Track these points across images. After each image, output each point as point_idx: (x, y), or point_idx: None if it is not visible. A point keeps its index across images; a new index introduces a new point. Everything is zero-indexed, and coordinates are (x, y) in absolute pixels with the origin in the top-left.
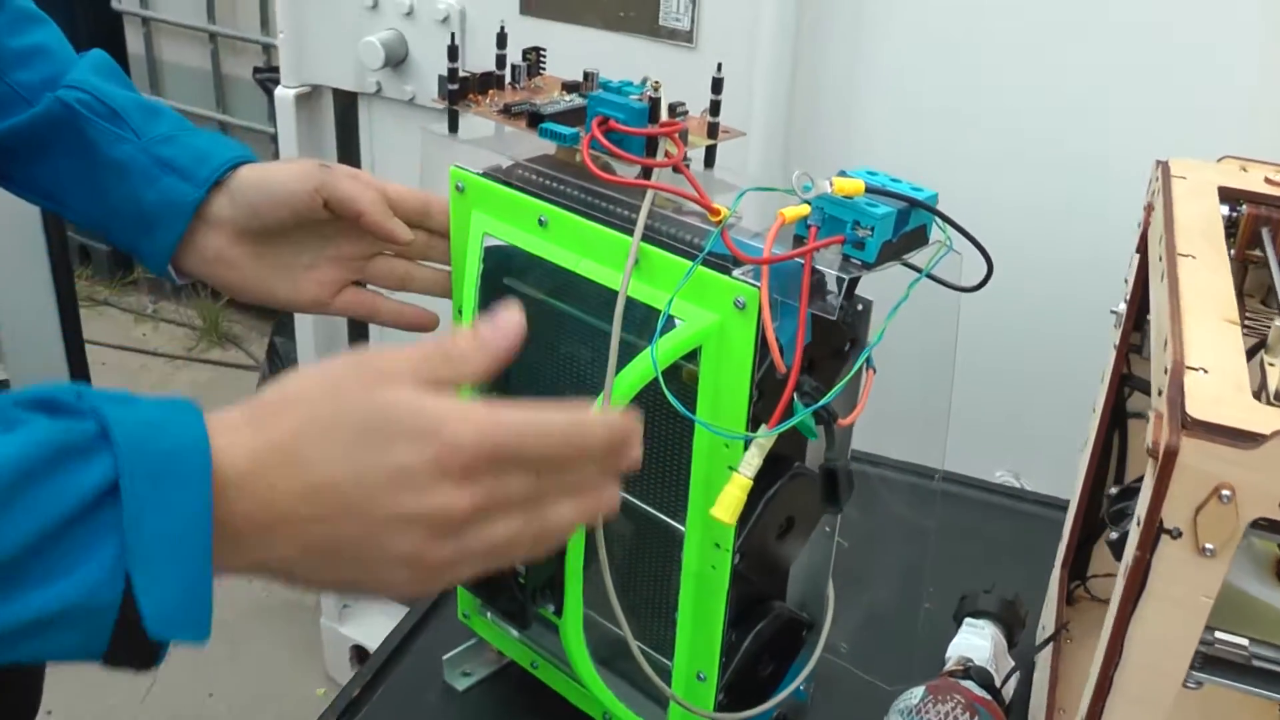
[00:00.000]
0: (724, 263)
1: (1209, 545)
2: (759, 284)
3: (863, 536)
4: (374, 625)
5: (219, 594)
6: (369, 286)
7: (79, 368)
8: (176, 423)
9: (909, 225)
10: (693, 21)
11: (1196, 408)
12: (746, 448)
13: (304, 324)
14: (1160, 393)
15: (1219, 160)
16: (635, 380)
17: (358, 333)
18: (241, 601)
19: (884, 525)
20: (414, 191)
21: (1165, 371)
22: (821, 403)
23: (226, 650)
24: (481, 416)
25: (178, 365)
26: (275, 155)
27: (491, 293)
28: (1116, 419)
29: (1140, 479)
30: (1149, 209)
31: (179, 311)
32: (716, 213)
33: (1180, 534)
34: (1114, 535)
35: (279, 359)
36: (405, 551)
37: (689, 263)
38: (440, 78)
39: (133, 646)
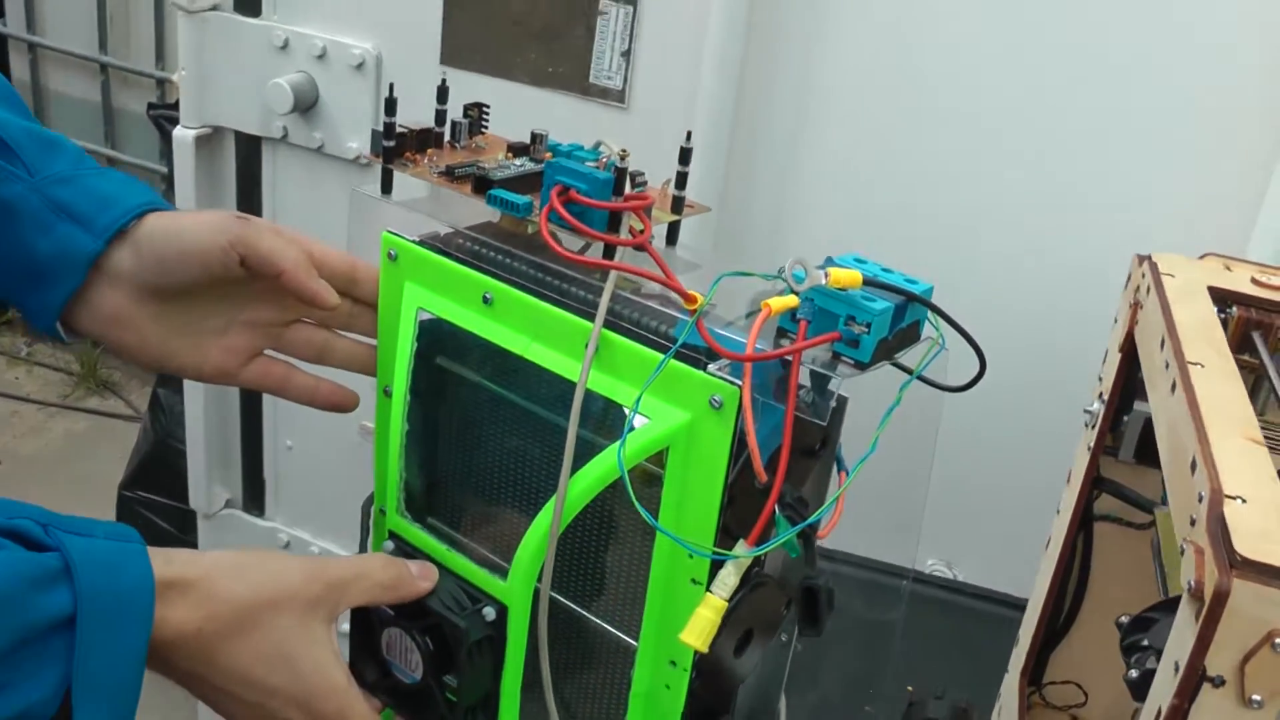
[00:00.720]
0: (696, 354)
1: (1256, 696)
2: (740, 382)
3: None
4: None
5: None
6: (281, 356)
7: None
8: (130, 564)
9: (904, 321)
10: (625, 81)
11: (1245, 545)
12: (717, 567)
13: (193, 388)
14: (1194, 522)
15: (1201, 258)
16: (591, 484)
17: (249, 393)
18: None
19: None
20: (340, 254)
21: (1200, 499)
22: (808, 521)
23: None
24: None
25: (51, 413)
26: (168, 196)
27: (425, 372)
28: (1083, 522)
29: (1155, 609)
30: (1136, 306)
31: (55, 355)
32: (692, 300)
33: (1224, 683)
34: (1133, 674)
35: (162, 412)
36: None
37: (658, 354)
38: (374, 132)
39: None
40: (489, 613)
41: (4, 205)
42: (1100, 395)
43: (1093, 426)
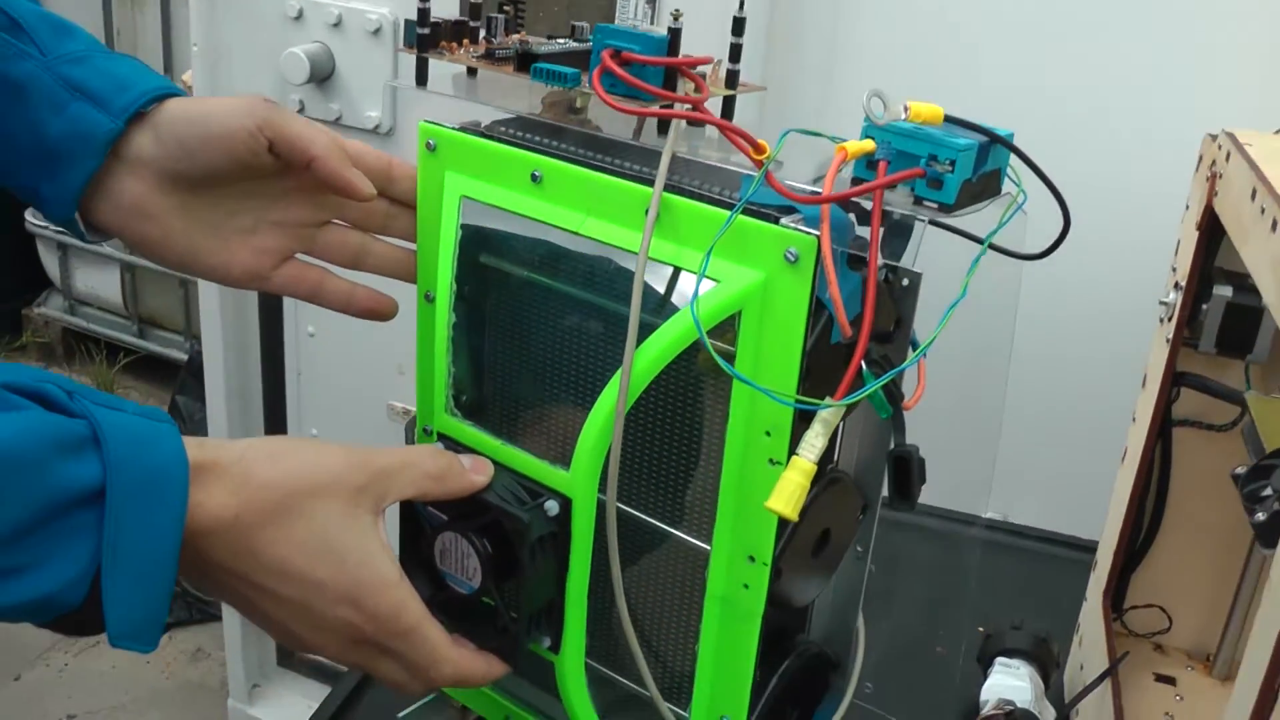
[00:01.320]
0: (765, 211)
1: None
2: (816, 232)
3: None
4: (290, 706)
5: (111, 677)
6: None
7: None
8: (162, 441)
9: (986, 167)
10: (652, 22)
11: None
12: (798, 433)
13: (215, 385)
14: None
15: (1276, 132)
16: (661, 353)
17: (272, 393)
18: (136, 685)
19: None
20: (376, 151)
21: None
22: (900, 369)
23: None
24: (406, 620)
25: None
26: None
27: (468, 273)
28: (1161, 431)
29: (1273, 456)
30: (1213, 178)
31: (72, 376)
32: (761, 149)
33: None
34: (1261, 516)
35: (182, 420)
36: (275, 633)
37: (724, 212)
38: (408, 22)
39: (77, 626)
40: (551, 506)
41: (15, 84)
42: (1176, 284)
43: (1170, 318)
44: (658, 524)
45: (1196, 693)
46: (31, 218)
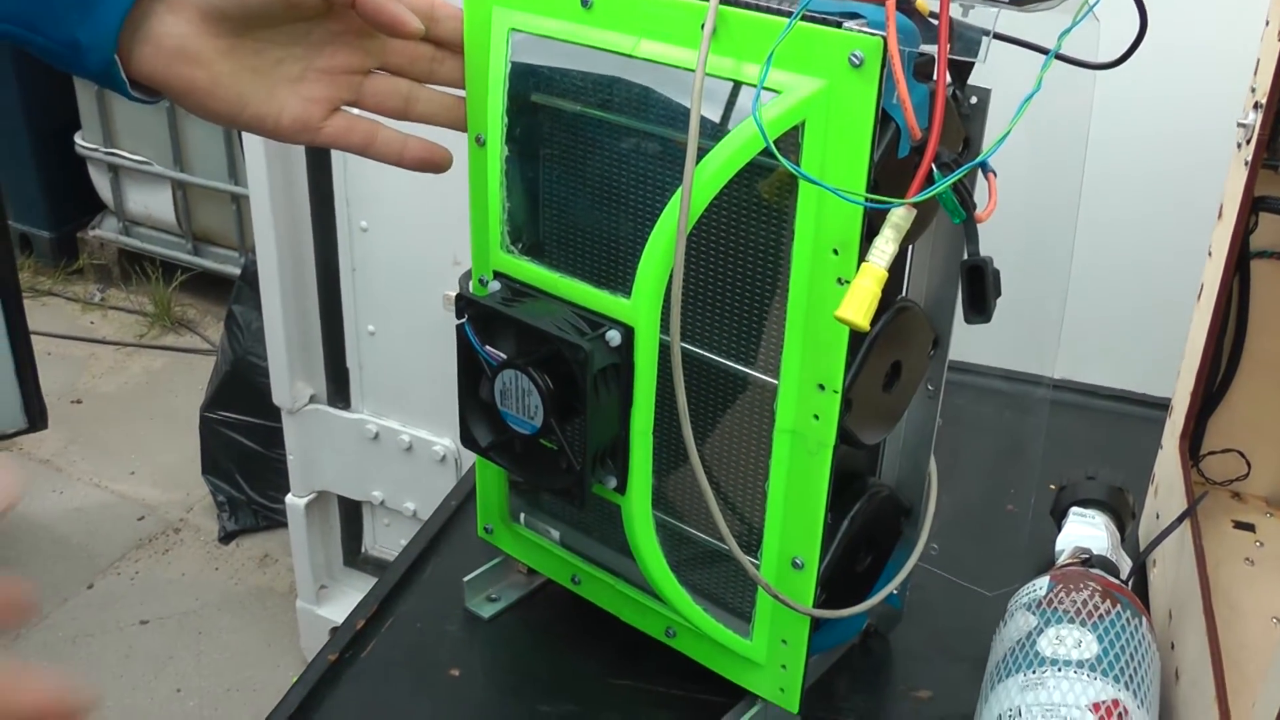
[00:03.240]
0: (825, 16)
1: None
2: (882, 33)
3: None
4: (355, 603)
5: (181, 584)
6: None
7: (24, 358)
8: None
9: None
10: None
11: None
12: (861, 249)
13: (268, 263)
14: None
15: None
16: (723, 168)
17: (328, 292)
18: (206, 590)
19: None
20: None
21: None
22: (970, 166)
23: (191, 643)
24: None
25: (129, 352)
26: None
27: (519, 115)
28: (1238, 264)
29: None
30: None
31: (128, 298)
32: None
33: None
34: None
35: (240, 329)
36: None
37: (783, 20)
38: None
39: None
40: (613, 336)
41: None
42: (1256, 104)
43: (1249, 140)
44: (722, 361)
45: (1277, 539)
46: (81, 140)
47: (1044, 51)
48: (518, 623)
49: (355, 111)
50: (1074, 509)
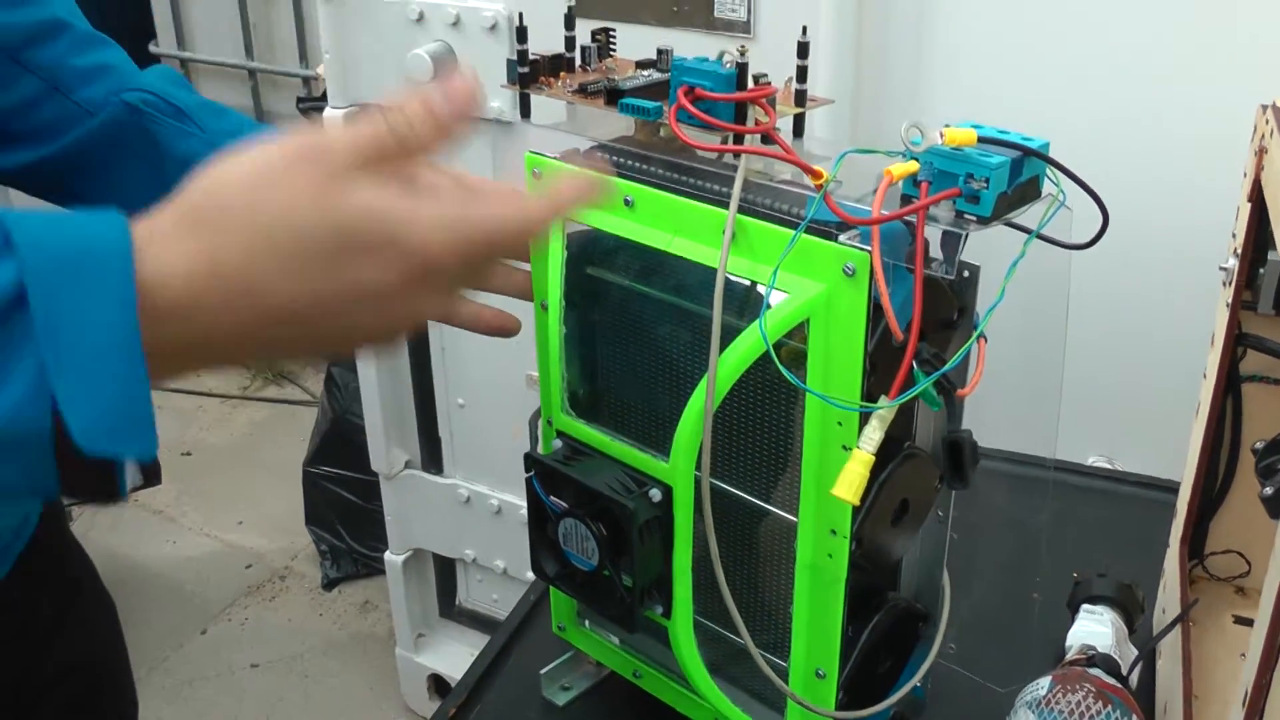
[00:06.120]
0: (828, 228)
1: None
2: (869, 248)
3: (964, 529)
4: (452, 653)
5: (288, 629)
6: None
7: None
8: (91, 222)
9: (1022, 176)
10: (749, 11)
11: None
12: (864, 423)
13: (366, 366)
14: None
15: None
16: (741, 359)
17: (419, 366)
18: (311, 636)
19: (984, 518)
20: (489, 181)
21: None
22: (945, 369)
23: (298, 685)
24: (453, 218)
25: (234, 405)
26: None
27: (576, 282)
28: (1230, 385)
29: None
30: (1261, 152)
31: None
32: (818, 175)
33: None
34: (1268, 490)
35: (338, 390)
36: (379, 328)
37: (790, 231)
38: (509, 61)
39: (85, 472)
40: (654, 494)
41: (184, 160)
42: (1235, 251)
43: (1230, 283)
44: (752, 499)
45: None
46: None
47: (1026, 231)
48: (589, 709)
49: None
50: (1084, 606)
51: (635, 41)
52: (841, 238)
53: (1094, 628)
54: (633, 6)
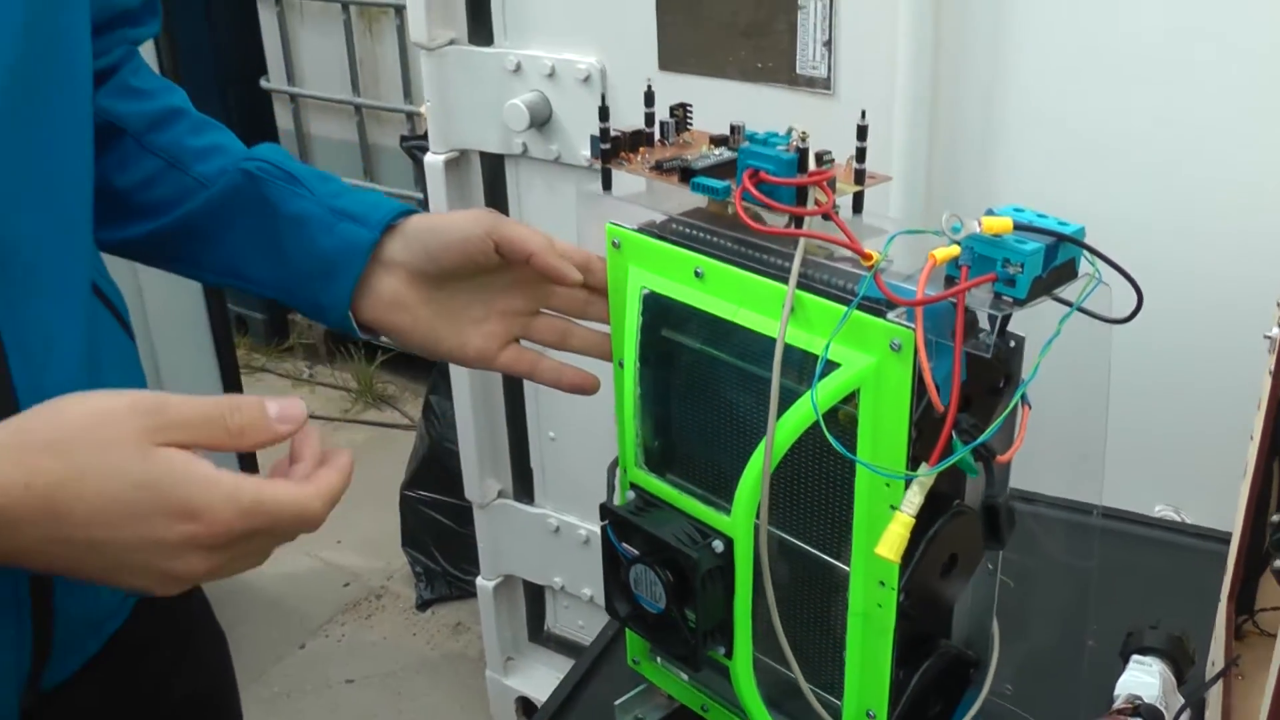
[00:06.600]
0: (878, 306)
1: None
2: (913, 326)
3: (1021, 575)
4: (540, 676)
5: (383, 647)
6: (530, 346)
7: None
8: None
9: (1058, 260)
10: (829, 69)
11: None
12: (908, 486)
13: (460, 382)
14: None
15: None
16: (796, 425)
17: (513, 399)
18: (405, 654)
19: (1043, 564)
20: (575, 247)
21: None
22: (980, 440)
23: (391, 702)
24: (245, 498)
25: (335, 427)
26: None
27: (651, 344)
28: (1276, 446)
29: None
30: None
31: (334, 375)
32: (868, 257)
33: None
34: (1278, 564)
35: (436, 418)
36: (142, 584)
37: (844, 308)
38: (592, 138)
39: None
40: (717, 545)
41: (296, 218)
42: (1279, 321)
43: (1274, 351)
44: (809, 549)
45: None
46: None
47: (1067, 304)
48: None
49: (524, 343)
50: (1135, 656)
51: (720, 98)
52: (890, 315)
53: (1142, 678)
54: (718, 63)
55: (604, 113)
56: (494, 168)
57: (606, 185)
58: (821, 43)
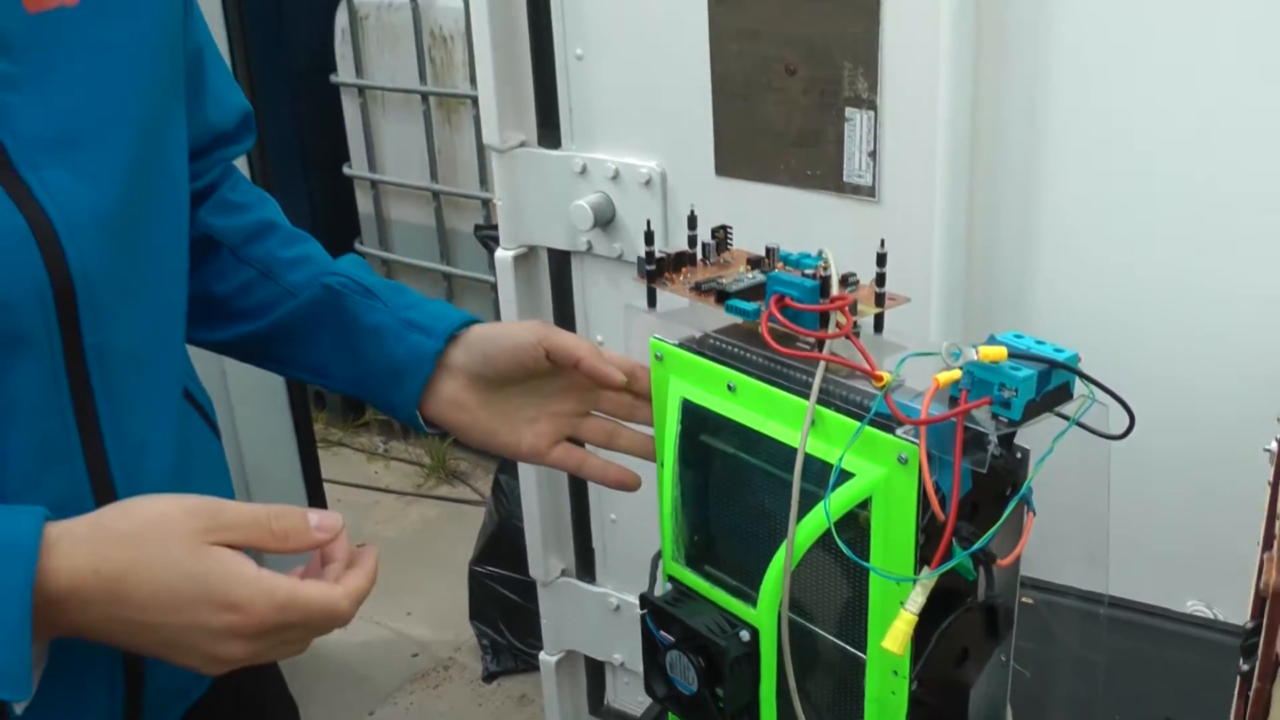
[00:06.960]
0: (889, 422)
1: None
2: (918, 442)
3: (1039, 665)
4: None
5: (449, 717)
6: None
7: (318, 503)
8: (15, 514)
9: (1051, 384)
10: (874, 177)
11: None
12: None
13: (526, 464)
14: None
15: None
16: (815, 528)
17: (578, 492)
18: None
19: (1062, 655)
20: (622, 357)
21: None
22: (975, 548)
23: None
24: (281, 594)
25: (408, 501)
26: (495, 304)
27: (689, 448)
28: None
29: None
30: None
31: (408, 450)
32: (880, 379)
33: None
34: (1244, 667)
35: (505, 496)
36: (193, 663)
37: (858, 423)
38: (639, 259)
39: None
40: (744, 635)
41: (372, 329)
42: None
43: (1274, 463)
44: (829, 637)
45: None
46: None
47: (1065, 418)
48: None
49: (572, 441)
50: None
51: (771, 203)
52: (898, 431)
53: None
54: (771, 170)
55: (649, 237)
56: (560, 263)
57: (651, 303)
58: (867, 153)
